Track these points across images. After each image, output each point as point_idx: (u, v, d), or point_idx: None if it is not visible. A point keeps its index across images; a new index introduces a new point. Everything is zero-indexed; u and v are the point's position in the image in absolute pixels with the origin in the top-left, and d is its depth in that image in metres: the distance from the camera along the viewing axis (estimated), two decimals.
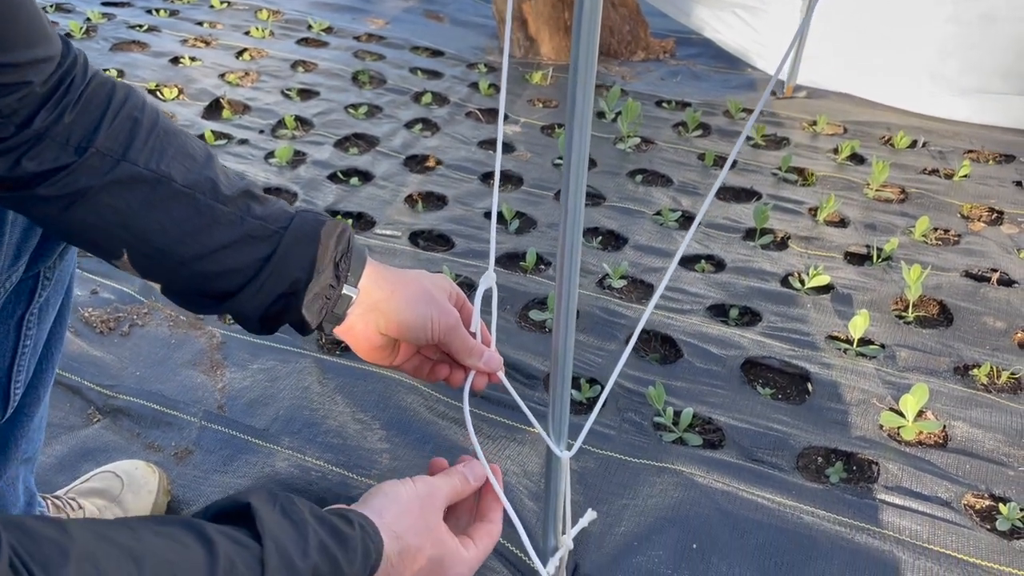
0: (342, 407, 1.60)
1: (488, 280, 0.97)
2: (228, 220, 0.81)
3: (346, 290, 0.88)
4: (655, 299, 0.90)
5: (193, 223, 0.80)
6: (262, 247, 0.83)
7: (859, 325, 1.77)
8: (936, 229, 2.29)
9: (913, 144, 2.79)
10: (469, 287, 1.92)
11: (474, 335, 0.97)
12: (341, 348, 1.80)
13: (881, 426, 1.58)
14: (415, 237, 2.21)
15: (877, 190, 2.47)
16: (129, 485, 1.37)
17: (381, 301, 0.90)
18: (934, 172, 2.62)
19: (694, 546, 1.33)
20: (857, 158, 2.69)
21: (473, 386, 0.98)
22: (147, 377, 1.69)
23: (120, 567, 0.53)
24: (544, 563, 1.12)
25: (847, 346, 1.80)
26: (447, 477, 0.86)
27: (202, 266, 0.82)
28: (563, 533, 1.13)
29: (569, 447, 1.01)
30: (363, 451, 1.50)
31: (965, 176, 2.56)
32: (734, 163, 2.63)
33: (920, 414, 1.59)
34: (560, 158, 2.61)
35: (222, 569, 0.57)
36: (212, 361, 1.74)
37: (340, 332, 0.92)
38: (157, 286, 0.87)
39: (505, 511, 0.90)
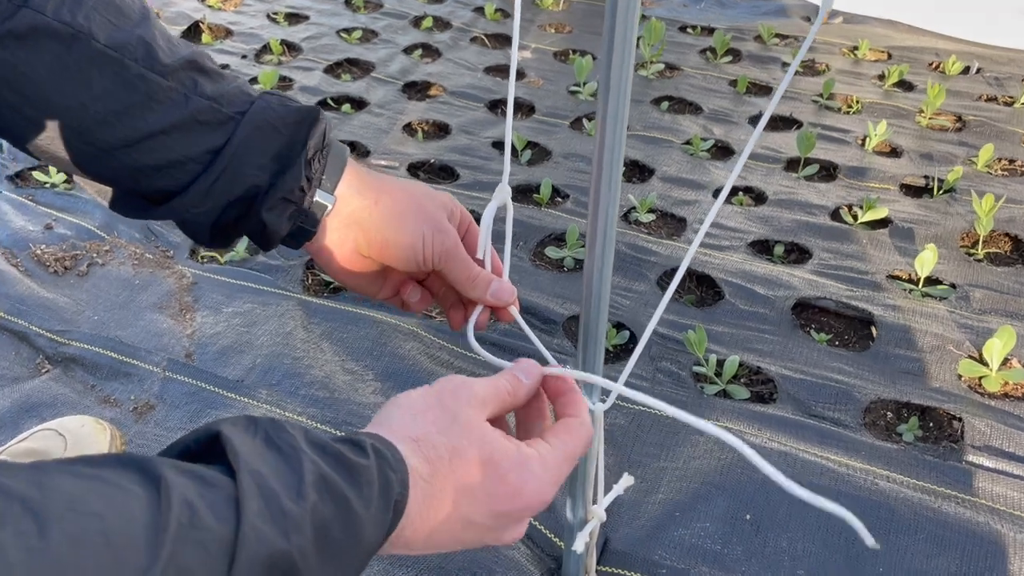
0: (329, 355, 1.37)
1: (502, 195, 0.74)
2: (167, 97, 0.64)
3: (319, 196, 0.70)
4: (700, 237, 0.66)
5: (120, 98, 0.63)
6: (212, 136, 0.66)
7: (927, 262, 1.53)
8: (1000, 159, 2.03)
9: (966, 70, 2.52)
10: (477, 223, 1.68)
11: (482, 263, 0.74)
12: (330, 289, 1.57)
13: (960, 376, 1.35)
14: (415, 168, 1.96)
15: (931, 118, 2.21)
16: (74, 445, 1.15)
17: (362, 213, 0.71)
18: (992, 100, 2.35)
19: (747, 517, 1.11)
20: (905, 85, 2.42)
21: (478, 324, 0.76)
22: (106, 322, 1.46)
23: (9, 527, 0.33)
24: (571, 538, 0.91)
25: (912, 286, 1.57)
26: (488, 378, 0.62)
27: (133, 156, 0.64)
28: (594, 503, 0.92)
29: (602, 400, 0.80)
30: (353, 405, 1.28)
31: None
32: (769, 89, 2.37)
33: (1004, 362, 1.36)
34: (577, 84, 2.35)
35: (174, 518, 0.38)
36: (181, 304, 1.51)
37: (313, 250, 0.74)
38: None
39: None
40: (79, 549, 0.34)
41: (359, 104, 2.24)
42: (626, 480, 0.92)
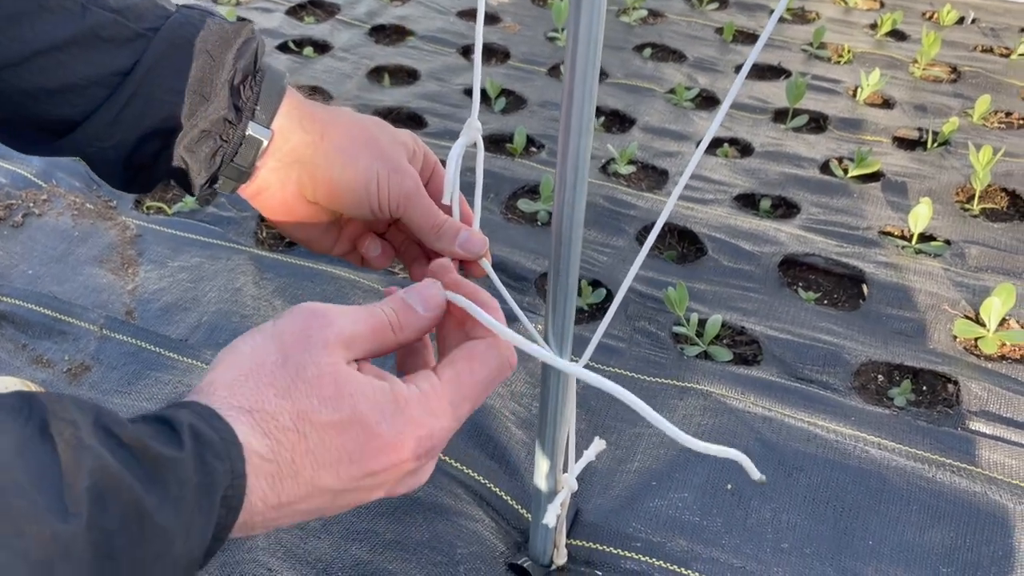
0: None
1: (471, 132, 0.64)
2: (60, 6, 0.55)
3: (252, 130, 0.59)
4: (679, 188, 0.57)
5: (2, 3, 0.53)
6: (118, 55, 0.56)
7: (921, 217, 1.45)
8: (997, 111, 1.94)
9: (961, 20, 2.42)
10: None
11: (448, 210, 0.64)
12: (285, 243, 1.46)
13: (955, 337, 1.27)
14: (380, 116, 1.84)
15: (925, 68, 2.11)
16: None
17: (305, 150, 0.61)
18: (988, 51, 2.25)
19: (728, 487, 1.03)
20: (898, 34, 2.31)
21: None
22: (41, 276, 1.35)
23: None
24: (540, 511, 0.83)
25: (905, 242, 1.48)
26: (362, 308, 0.50)
27: (23, 77, 0.54)
28: (564, 471, 0.84)
29: (573, 361, 0.71)
30: None
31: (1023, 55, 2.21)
32: (757, 38, 2.26)
33: (1001, 322, 1.28)
34: (555, 31, 2.23)
35: None
36: (123, 258, 1.40)
37: (249, 195, 0.63)
38: None
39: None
40: None
41: (322, 48, 2.11)
42: (597, 445, 0.84)
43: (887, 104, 1.97)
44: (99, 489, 0.33)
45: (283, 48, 2.09)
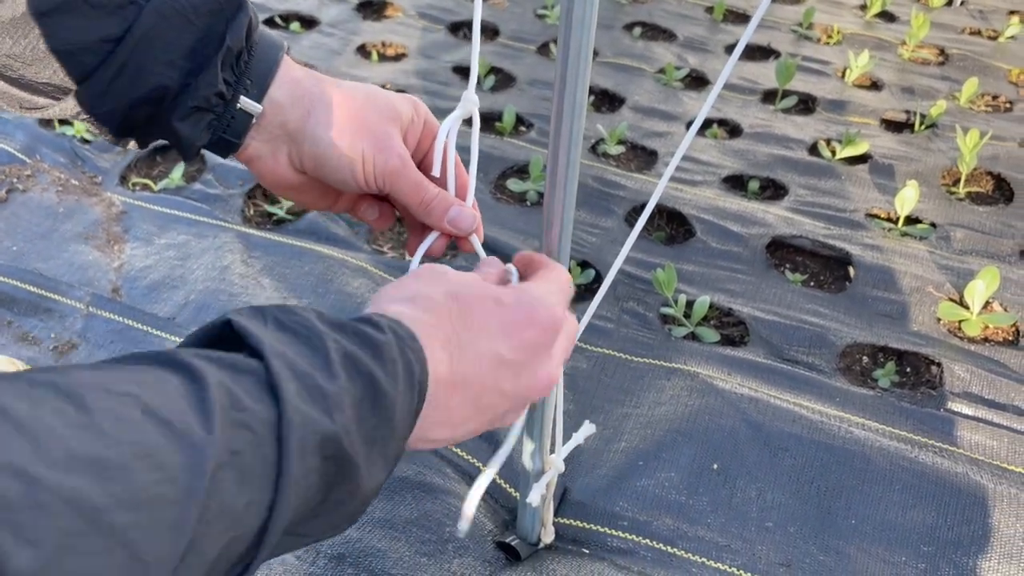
0: (270, 291, 1.27)
1: (468, 105, 0.63)
2: None
3: (244, 103, 0.59)
4: (670, 170, 0.57)
5: None
6: (108, 22, 0.55)
7: (908, 200, 1.45)
8: (984, 95, 1.95)
9: (950, 2, 2.42)
10: None
11: (443, 183, 0.64)
12: (273, 221, 1.45)
13: (939, 319, 1.29)
14: None
15: (914, 50, 2.11)
16: None
17: (292, 125, 0.61)
18: (976, 33, 2.26)
19: (715, 466, 1.04)
20: (887, 16, 2.32)
21: (432, 251, 0.66)
22: (25, 253, 1.34)
23: (45, 407, 0.29)
24: (527, 489, 0.84)
25: (891, 225, 1.49)
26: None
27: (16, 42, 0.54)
28: (552, 452, 0.85)
29: None
30: None
31: (1012, 37, 2.21)
32: (747, 17, 2.25)
33: (985, 305, 1.30)
34: (544, 7, 2.21)
35: (215, 399, 0.33)
36: (109, 234, 1.38)
37: (244, 160, 0.64)
38: None
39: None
40: (124, 424, 0.30)
41: (309, 23, 2.09)
42: (587, 429, 0.84)
43: (875, 86, 1.98)
44: (346, 362, 0.40)
45: (269, 23, 2.07)
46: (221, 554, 0.33)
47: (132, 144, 0.63)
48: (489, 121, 1.75)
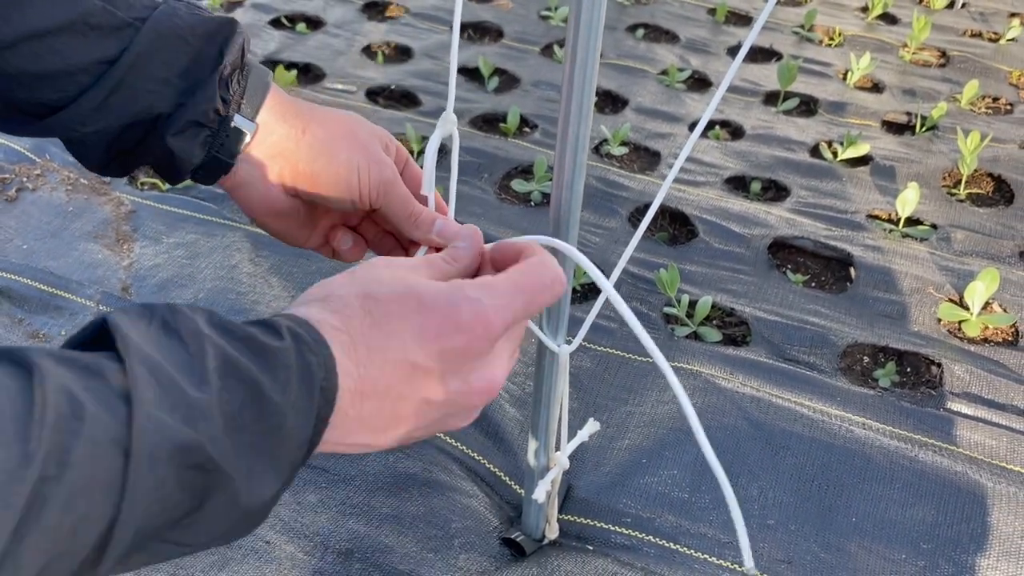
0: (278, 291, 1.28)
1: (447, 125, 0.65)
2: None
3: (238, 123, 0.61)
4: (674, 172, 0.58)
5: None
6: (105, 43, 0.57)
7: (908, 201, 1.47)
8: (985, 97, 1.97)
9: (951, 4, 2.43)
10: (440, 152, 1.58)
11: (426, 201, 0.66)
12: None
13: (939, 320, 1.30)
14: (373, 94, 1.84)
15: (915, 52, 2.12)
16: None
17: (288, 142, 0.63)
18: (977, 35, 2.27)
19: None
20: (889, 17, 2.33)
21: None
22: (36, 251, 1.35)
23: None
24: (532, 486, 0.86)
25: (892, 226, 1.51)
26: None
27: (8, 61, 0.55)
28: (557, 449, 0.86)
29: (568, 342, 0.73)
30: None
31: (1013, 40, 2.22)
32: (749, 19, 2.26)
33: (985, 306, 1.31)
34: (548, 9, 2.22)
35: (51, 408, 0.32)
36: (118, 233, 1.40)
37: (230, 187, 0.65)
38: None
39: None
40: None
41: (315, 23, 2.10)
42: (591, 426, 0.86)
43: (877, 88, 1.99)
44: (224, 368, 0.38)
45: (275, 23, 2.08)
46: (50, 565, 0.32)
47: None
48: (494, 122, 1.77)
